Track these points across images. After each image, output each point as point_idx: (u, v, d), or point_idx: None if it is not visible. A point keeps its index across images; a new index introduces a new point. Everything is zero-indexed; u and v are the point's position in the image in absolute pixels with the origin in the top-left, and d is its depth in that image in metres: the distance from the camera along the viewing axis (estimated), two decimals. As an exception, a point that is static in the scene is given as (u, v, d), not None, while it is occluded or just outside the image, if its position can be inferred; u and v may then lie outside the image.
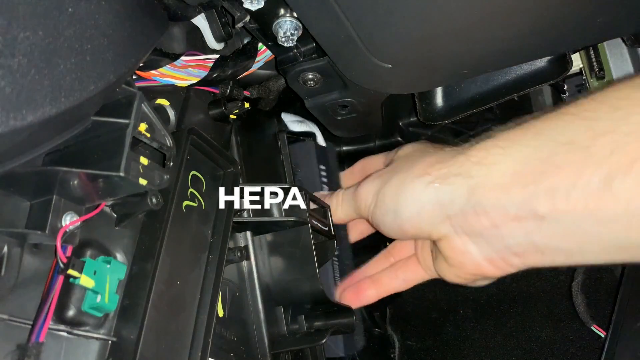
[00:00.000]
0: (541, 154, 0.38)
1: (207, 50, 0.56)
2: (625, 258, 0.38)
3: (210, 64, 0.54)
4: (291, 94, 0.58)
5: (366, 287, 0.56)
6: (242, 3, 0.41)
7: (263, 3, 0.41)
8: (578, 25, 0.46)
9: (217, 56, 0.55)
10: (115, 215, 0.43)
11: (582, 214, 0.36)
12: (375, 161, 0.61)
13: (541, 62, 0.56)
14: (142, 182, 0.39)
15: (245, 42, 0.58)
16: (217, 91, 0.58)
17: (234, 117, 0.58)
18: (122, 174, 0.37)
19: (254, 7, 0.41)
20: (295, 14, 0.44)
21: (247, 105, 0.57)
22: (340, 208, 0.55)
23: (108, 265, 0.40)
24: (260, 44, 0.56)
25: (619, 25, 0.48)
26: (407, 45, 0.45)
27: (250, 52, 0.56)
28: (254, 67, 0.57)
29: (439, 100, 0.62)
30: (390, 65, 0.46)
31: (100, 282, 0.38)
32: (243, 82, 0.62)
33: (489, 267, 0.43)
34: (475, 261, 0.43)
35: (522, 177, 0.38)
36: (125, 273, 0.41)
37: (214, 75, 0.54)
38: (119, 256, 0.43)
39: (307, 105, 0.57)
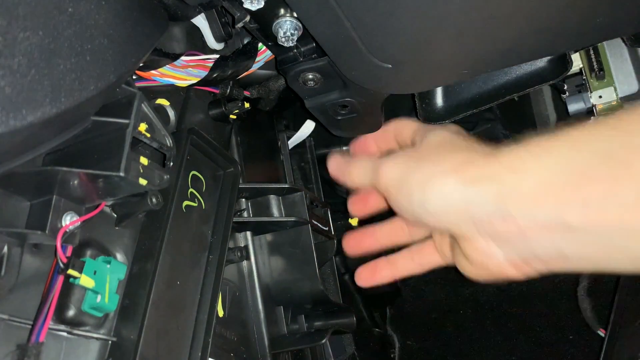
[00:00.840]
0: (577, 165, 0.38)
1: (207, 50, 0.56)
2: None
3: (210, 64, 0.54)
4: (291, 94, 0.58)
5: (382, 267, 0.56)
6: (242, 3, 0.41)
7: (263, 3, 0.41)
8: (578, 25, 0.46)
9: (217, 56, 0.55)
10: (115, 215, 0.43)
11: (615, 227, 0.36)
12: (408, 128, 0.58)
13: (541, 62, 0.56)
14: (142, 182, 0.39)
15: (245, 42, 0.58)
16: (217, 91, 0.58)
17: (234, 117, 0.58)
18: (122, 174, 0.37)
19: (254, 7, 0.41)
20: (295, 14, 0.44)
21: (247, 105, 0.57)
22: (357, 173, 0.53)
23: (108, 265, 0.40)
24: (260, 44, 0.56)
25: (619, 25, 0.48)
26: (407, 46, 0.45)
27: (250, 52, 0.56)
28: (254, 67, 0.57)
29: (439, 100, 0.62)
30: (390, 66, 0.46)
31: (100, 282, 0.38)
32: (243, 82, 0.62)
33: (511, 270, 0.43)
34: (498, 263, 0.43)
35: (555, 188, 0.38)
36: (125, 273, 0.41)
37: (214, 75, 0.54)
38: (119, 256, 0.43)
39: (307, 105, 0.57)
